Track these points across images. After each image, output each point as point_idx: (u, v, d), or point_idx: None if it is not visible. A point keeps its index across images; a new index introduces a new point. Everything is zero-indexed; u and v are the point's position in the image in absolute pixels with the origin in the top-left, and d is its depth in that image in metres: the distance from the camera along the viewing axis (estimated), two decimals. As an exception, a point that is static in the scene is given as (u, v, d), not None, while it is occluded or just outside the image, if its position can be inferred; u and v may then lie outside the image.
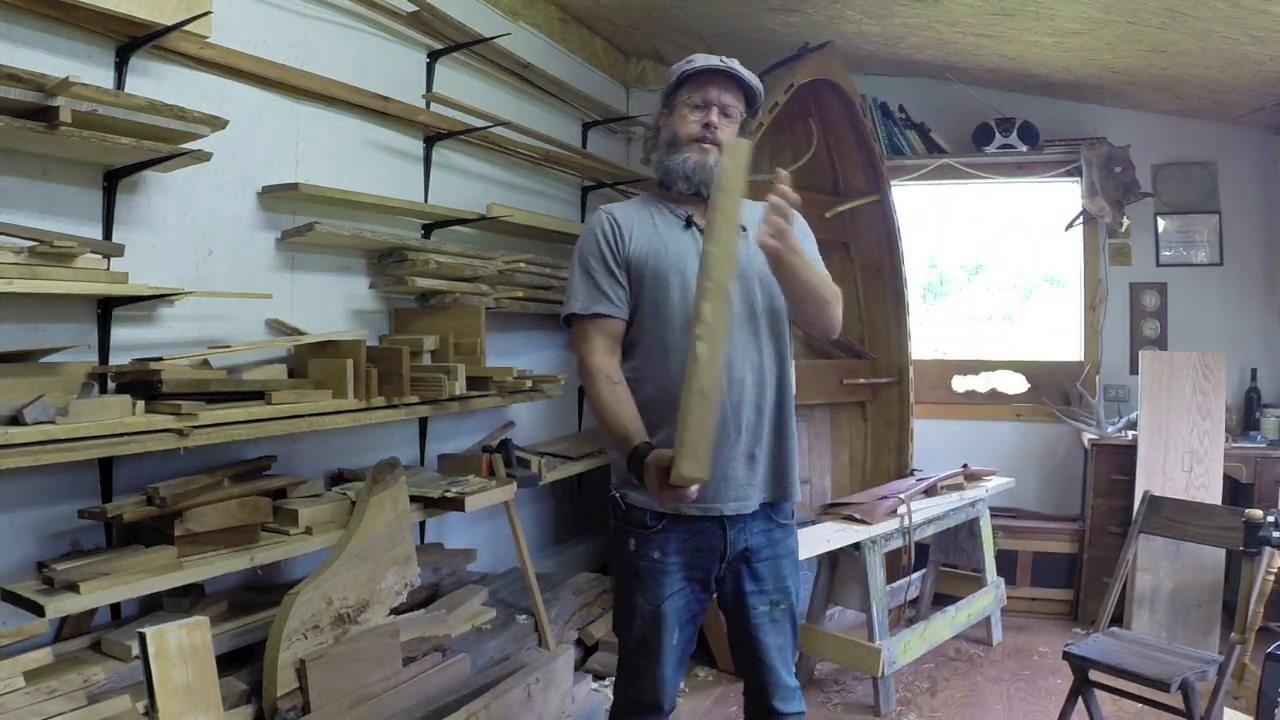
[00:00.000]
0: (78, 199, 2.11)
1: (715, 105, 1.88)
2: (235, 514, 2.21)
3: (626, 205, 1.97)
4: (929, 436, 4.47)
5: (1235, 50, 3.42)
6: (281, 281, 2.67)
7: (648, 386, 1.84)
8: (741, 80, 1.89)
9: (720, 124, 1.87)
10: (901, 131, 4.64)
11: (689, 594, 1.89)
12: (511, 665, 2.72)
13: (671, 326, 1.83)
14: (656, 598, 1.86)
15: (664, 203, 1.94)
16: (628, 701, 1.95)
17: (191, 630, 1.79)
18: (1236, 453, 3.84)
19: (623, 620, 1.94)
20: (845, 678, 3.42)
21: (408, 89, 3.12)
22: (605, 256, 1.86)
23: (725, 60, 1.88)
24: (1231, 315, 4.32)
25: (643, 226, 1.90)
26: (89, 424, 1.86)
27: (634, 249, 1.87)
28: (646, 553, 1.86)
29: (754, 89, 1.91)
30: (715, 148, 1.86)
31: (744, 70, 1.90)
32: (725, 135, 1.86)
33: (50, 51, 2.02)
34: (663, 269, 1.85)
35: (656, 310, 1.85)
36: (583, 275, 1.87)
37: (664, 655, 1.88)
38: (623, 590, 1.93)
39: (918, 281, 4.90)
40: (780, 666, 1.93)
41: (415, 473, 2.98)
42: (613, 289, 1.85)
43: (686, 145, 1.88)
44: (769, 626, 1.91)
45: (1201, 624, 3.61)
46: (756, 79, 1.92)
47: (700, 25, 4.16)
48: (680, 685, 1.99)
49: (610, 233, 1.88)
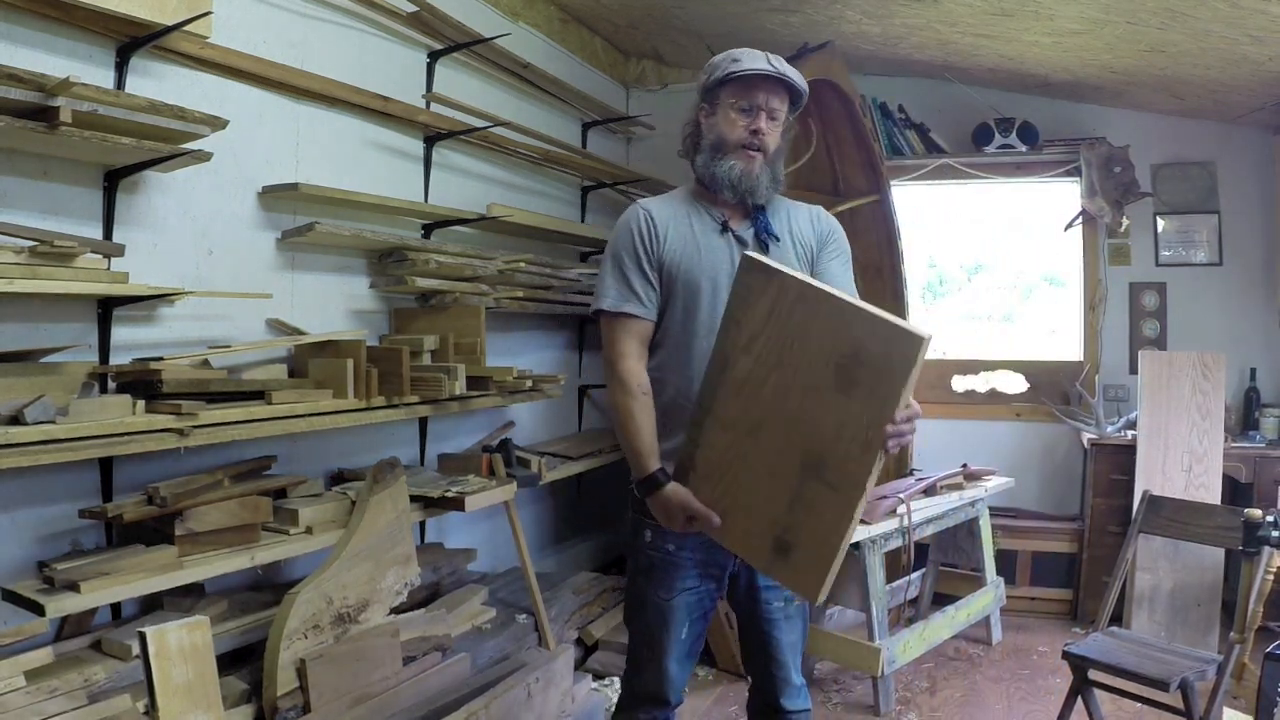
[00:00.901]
0: (78, 199, 2.11)
1: (763, 110, 1.82)
2: (236, 513, 2.22)
3: (665, 201, 1.93)
4: (928, 436, 4.46)
5: (1234, 50, 3.42)
6: (282, 281, 2.67)
7: (669, 389, 1.83)
8: (789, 83, 1.83)
9: (767, 129, 1.82)
10: (901, 131, 4.64)
11: (701, 590, 1.89)
12: (511, 665, 2.72)
13: (698, 332, 1.81)
14: (668, 591, 1.87)
15: (701, 203, 1.89)
16: (633, 693, 1.96)
17: (192, 630, 1.79)
18: (1236, 452, 3.84)
19: (633, 611, 1.95)
20: (845, 677, 3.43)
21: (408, 89, 3.12)
22: (639, 254, 1.83)
23: (773, 61, 1.81)
24: (1231, 315, 4.32)
25: (679, 227, 1.86)
26: (89, 424, 1.86)
27: (668, 250, 1.84)
28: (661, 545, 1.86)
29: (800, 90, 1.84)
30: (760, 154, 1.82)
31: (792, 72, 1.83)
32: (771, 141, 1.83)
33: (51, 52, 2.03)
34: (695, 274, 1.82)
35: (685, 314, 1.82)
36: (615, 271, 1.84)
37: (672, 649, 1.88)
38: (635, 581, 1.93)
39: (917, 281, 4.90)
40: (791, 664, 1.94)
41: (415, 472, 2.98)
42: (644, 289, 1.82)
43: (733, 151, 1.82)
44: (784, 623, 1.92)
45: (1201, 623, 3.61)
46: (803, 79, 1.85)
47: (700, 25, 4.17)
48: (688, 680, 1.99)
49: (646, 231, 1.84)
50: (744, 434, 1.62)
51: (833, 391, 1.50)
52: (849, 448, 1.49)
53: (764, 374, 1.58)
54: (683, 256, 1.83)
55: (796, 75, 1.84)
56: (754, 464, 1.62)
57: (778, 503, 1.59)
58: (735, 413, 1.62)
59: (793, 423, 1.56)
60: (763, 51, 1.84)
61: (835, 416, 1.50)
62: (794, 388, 1.55)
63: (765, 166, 1.83)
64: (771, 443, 1.59)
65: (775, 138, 1.84)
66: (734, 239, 1.84)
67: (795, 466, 1.56)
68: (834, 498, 1.51)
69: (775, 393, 1.57)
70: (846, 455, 1.50)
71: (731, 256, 1.81)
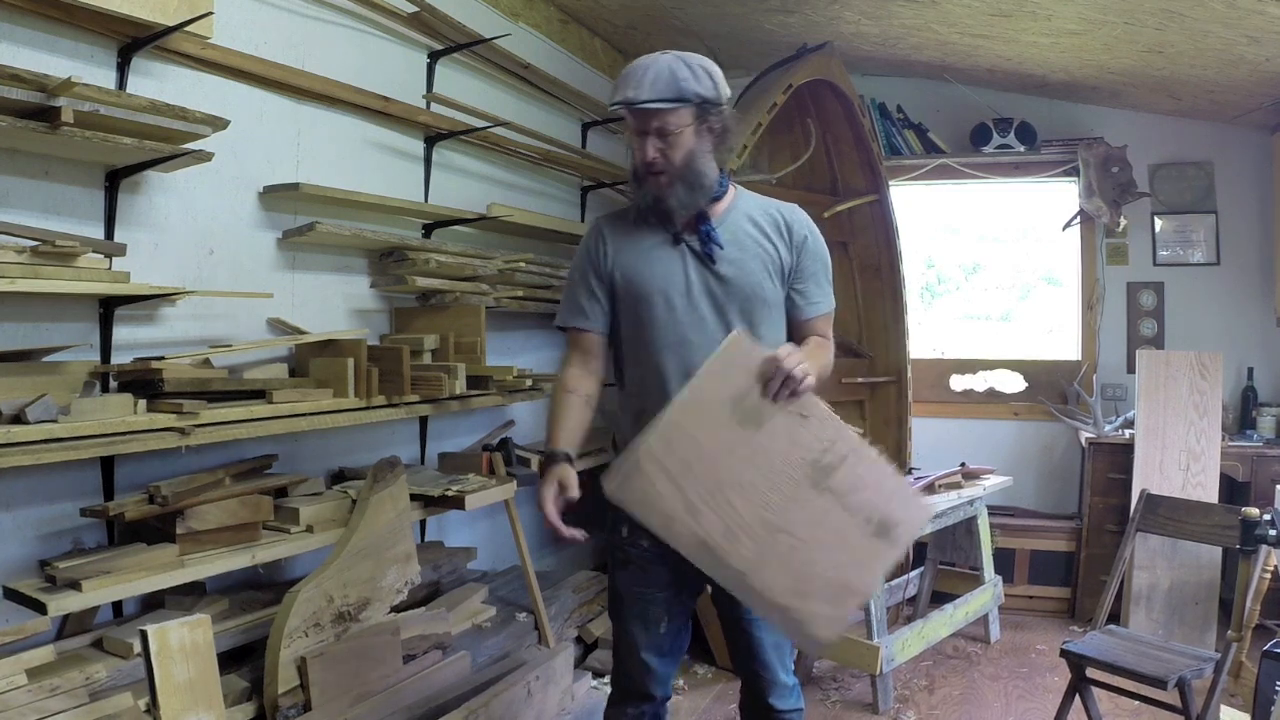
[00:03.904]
0: (80, 199, 2.12)
1: (650, 134, 1.74)
2: (237, 512, 2.22)
3: (621, 215, 1.94)
4: (927, 435, 4.49)
5: (1232, 51, 3.43)
6: (282, 281, 2.68)
7: (636, 403, 1.87)
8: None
9: (659, 152, 1.74)
10: (899, 132, 4.65)
11: (679, 584, 1.90)
12: (511, 663, 2.73)
13: (655, 345, 1.82)
14: (644, 586, 1.89)
15: (655, 216, 1.87)
16: (620, 688, 1.98)
17: (193, 628, 1.80)
18: (1233, 451, 3.86)
19: (613, 607, 1.98)
20: (844, 675, 3.44)
21: (408, 89, 3.12)
22: (587, 271, 1.90)
23: (639, 88, 1.71)
24: (1228, 314, 4.33)
25: (630, 242, 1.87)
26: (91, 423, 1.87)
27: (617, 264, 1.87)
28: (637, 540, 1.88)
29: (692, 97, 1.72)
30: (663, 174, 1.76)
31: (663, 91, 1.70)
32: (675, 156, 1.75)
33: (52, 52, 2.03)
34: (644, 287, 1.83)
35: (638, 326, 1.85)
36: (568, 288, 1.94)
37: (652, 644, 1.90)
38: (614, 577, 1.96)
39: (916, 281, 4.91)
40: (776, 664, 1.91)
41: (416, 471, 2.99)
42: (589, 304, 1.89)
43: (643, 178, 1.80)
44: (764, 623, 1.89)
45: (1198, 622, 3.62)
46: (689, 79, 1.72)
47: (699, 26, 4.17)
48: (675, 674, 2.00)
49: (595, 248, 1.90)
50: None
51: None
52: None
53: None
54: (632, 270, 1.85)
55: (673, 90, 1.70)
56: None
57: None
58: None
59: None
60: (653, 63, 1.73)
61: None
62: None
63: (677, 182, 1.77)
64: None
65: (679, 151, 1.75)
66: (686, 249, 1.83)
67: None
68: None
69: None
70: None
71: (684, 268, 1.82)
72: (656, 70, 1.72)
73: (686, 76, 1.73)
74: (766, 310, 1.84)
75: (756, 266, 1.83)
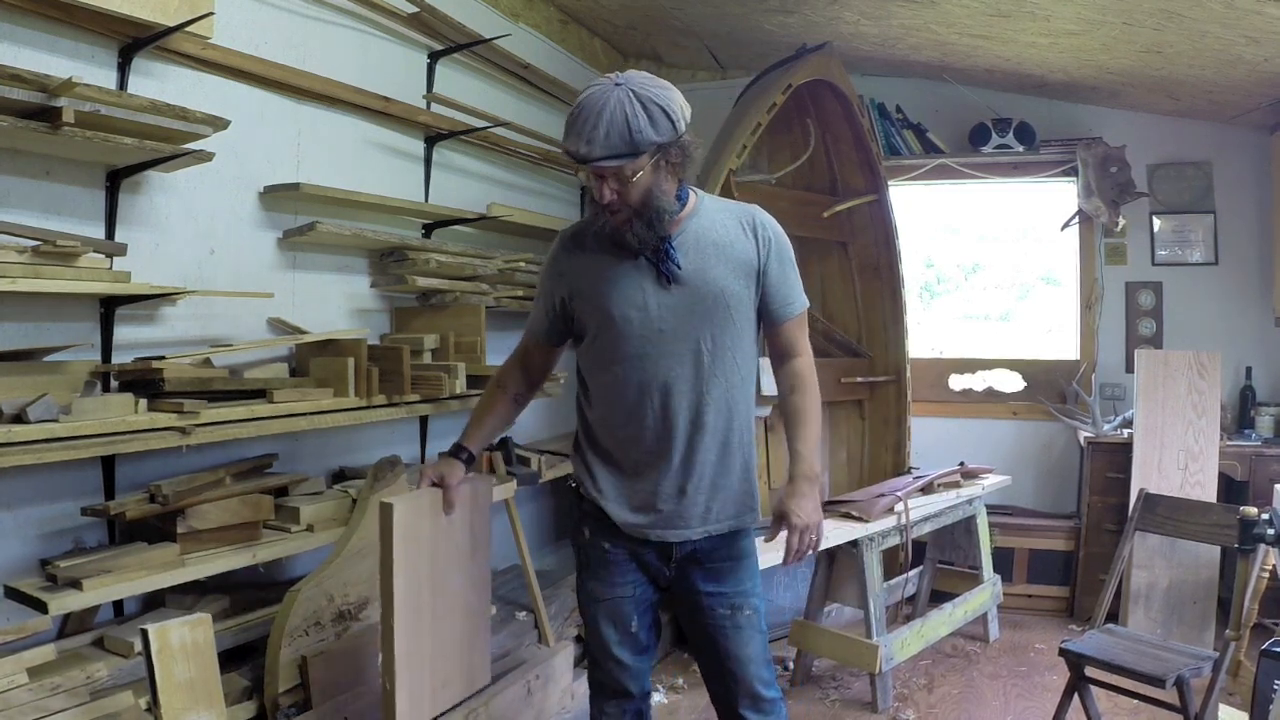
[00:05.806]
0: (81, 199, 2.12)
1: (604, 179, 1.68)
2: (237, 511, 2.23)
3: (584, 229, 1.90)
4: (926, 435, 4.49)
5: (1230, 51, 3.44)
6: (283, 281, 2.68)
7: (597, 410, 1.91)
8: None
9: (615, 197, 1.69)
10: (899, 132, 4.65)
11: (643, 583, 1.91)
12: (511, 662, 2.73)
13: (616, 359, 1.81)
14: (609, 586, 1.90)
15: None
16: (597, 686, 1.99)
17: (194, 627, 1.80)
18: (1231, 450, 3.86)
19: (582, 607, 2.00)
20: (843, 674, 3.44)
21: (408, 89, 3.13)
22: (547, 283, 1.93)
23: (590, 144, 1.62)
24: (1226, 314, 4.34)
25: (591, 258, 1.84)
26: (92, 422, 1.87)
27: (578, 278, 1.86)
28: (599, 542, 1.91)
29: (648, 144, 1.63)
30: (620, 213, 1.72)
31: (617, 146, 1.62)
32: (632, 196, 1.69)
33: (53, 52, 2.03)
34: (603, 302, 1.80)
35: (599, 342, 1.84)
36: (535, 297, 2.00)
37: (624, 641, 1.91)
38: (580, 577, 1.99)
39: (915, 281, 4.92)
40: (753, 677, 1.86)
41: (416, 471, 2.99)
42: (546, 313, 1.95)
43: (599, 210, 1.75)
44: (732, 633, 1.85)
45: (1196, 621, 3.63)
46: (645, 128, 1.62)
47: (699, 26, 4.18)
48: (651, 669, 2.01)
49: (554, 263, 1.92)
50: None
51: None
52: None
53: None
54: (591, 286, 1.83)
55: (617, 139, 1.61)
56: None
57: None
58: None
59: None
60: (604, 107, 1.63)
61: None
62: None
63: (635, 220, 1.72)
64: None
65: (636, 191, 1.68)
66: (645, 263, 1.79)
67: None
68: None
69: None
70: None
71: (641, 283, 1.79)
72: (610, 120, 1.61)
73: (641, 126, 1.62)
74: (729, 314, 1.81)
75: (721, 271, 1.80)
